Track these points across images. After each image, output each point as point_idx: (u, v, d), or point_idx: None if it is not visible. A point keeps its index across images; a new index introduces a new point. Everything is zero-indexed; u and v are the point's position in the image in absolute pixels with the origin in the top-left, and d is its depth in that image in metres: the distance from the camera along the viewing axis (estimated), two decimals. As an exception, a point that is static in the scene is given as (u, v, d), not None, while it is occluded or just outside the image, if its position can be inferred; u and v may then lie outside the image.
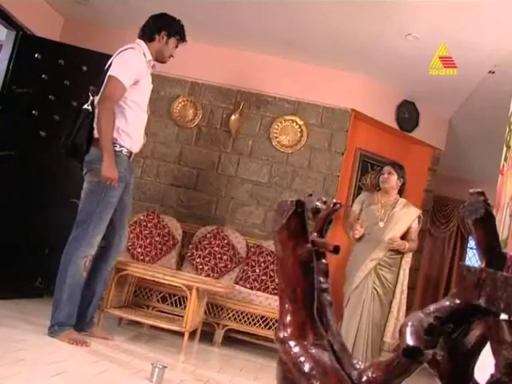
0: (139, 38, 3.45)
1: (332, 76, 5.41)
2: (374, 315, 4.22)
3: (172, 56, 3.51)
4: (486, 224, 0.80)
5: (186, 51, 5.20)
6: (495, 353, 0.64)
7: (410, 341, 0.66)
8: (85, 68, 5.06)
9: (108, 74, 3.24)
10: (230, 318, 4.41)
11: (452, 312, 0.76)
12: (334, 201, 1.04)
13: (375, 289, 4.25)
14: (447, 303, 0.77)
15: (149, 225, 4.95)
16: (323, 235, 1.05)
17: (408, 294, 4.39)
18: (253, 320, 4.38)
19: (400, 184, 4.46)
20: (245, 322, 4.39)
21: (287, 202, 0.98)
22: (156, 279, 3.88)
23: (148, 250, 4.84)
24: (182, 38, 3.50)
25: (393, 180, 4.43)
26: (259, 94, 5.49)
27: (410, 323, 0.70)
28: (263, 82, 5.46)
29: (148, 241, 4.87)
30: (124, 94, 3.26)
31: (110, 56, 3.41)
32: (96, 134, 3.26)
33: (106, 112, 3.17)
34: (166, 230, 4.98)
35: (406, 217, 4.38)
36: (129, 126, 3.31)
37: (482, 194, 0.81)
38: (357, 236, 4.35)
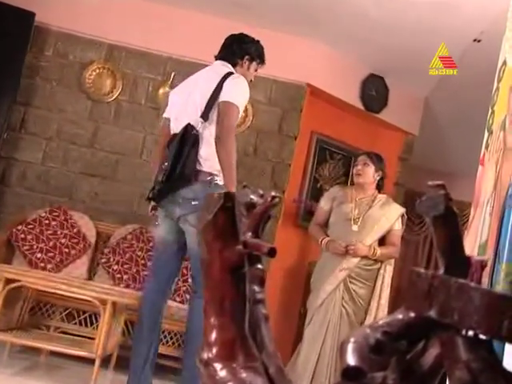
0: (219, 59, 3.83)
1: (284, 43, 5.45)
2: (342, 337, 4.26)
3: (251, 81, 3.90)
4: (447, 222, 0.83)
5: (103, 6, 5.13)
6: (449, 373, 0.67)
7: (350, 360, 0.68)
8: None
9: (226, 100, 3.49)
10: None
11: (405, 327, 0.78)
12: (273, 194, 1.06)
13: (344, 306, 4.28)
14: (400, 316, 0.79)
15: (52, 223, 4.87)
16: (259, 235, 1.07)
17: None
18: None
19: (378, 178, 4.51)
20: (173, 344, 4.38)
21: (214, 194, 0.99)
22: (59, 292, 3.83)
23: (51, 255, 4.75)
24: (261, 62, 3.98)
25: (369, 173, 4.46)
26: (194, 63, 5.45)
27: (352, 339, 0.72)
28: (199, 48, 5.44)
29: (51, 243, 4.78)
30: None
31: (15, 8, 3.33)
32: (202, 166, 3.47)
33: (233, 145, 3.44)
34: (76, 230, 4.91)
35: (386, 217, 4.43)
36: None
37: (443, 186, 0.84)
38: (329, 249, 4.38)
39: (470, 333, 0.67)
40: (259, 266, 1.07)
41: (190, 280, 4.31)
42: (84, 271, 4.82)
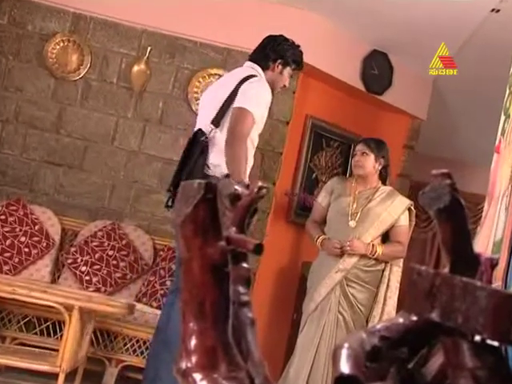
0: (252, 61, 3.98)
1: (275, 15, 5.44)
2: None
3: (285, 86, 4.15)
4: (453, 215, 0.83)
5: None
6: (453, 382, 0.69)
7: (344, 368, 0.69)
8: None
9: (239, 106, 3.66)
10: (127, 349, 4.41)
11: (405, 332, 0.79)
12: (260, 184, 1.07)
13: (340, 312, 4.27)
14: (399, 320, 0.80)
15: (10, 219, 4.86)
16: (244, 230, 1.08)
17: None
18: (160, 353, 4.40)
19: (380, 167, 4.51)
20: (148, 355, 4.39)
21: (194, 184, 0.99)
22: (17, 297, 3.82)
23: (8, 255, 4.75)
24: (298, 67, 4.15)
25: (368, 163, 4.46)
26: (173, 37, 5.46)
27: (346, 345, 0.73)
28: (179, 20, 5.44)
29: (8, 242, 4.79)
30: None
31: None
32: (212, 172, 3.66)
33: (242, 152, 3.61)
34: (37, 227, 4.90)
35: (388, 211, 4.42)
36: (247, 166, 3.73)
37: (448, 175, 0.85)
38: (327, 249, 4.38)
39: (477, 337, 0.68)
40: (244, 264, 1.08)
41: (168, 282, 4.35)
42: (47, 273, 4.82)
